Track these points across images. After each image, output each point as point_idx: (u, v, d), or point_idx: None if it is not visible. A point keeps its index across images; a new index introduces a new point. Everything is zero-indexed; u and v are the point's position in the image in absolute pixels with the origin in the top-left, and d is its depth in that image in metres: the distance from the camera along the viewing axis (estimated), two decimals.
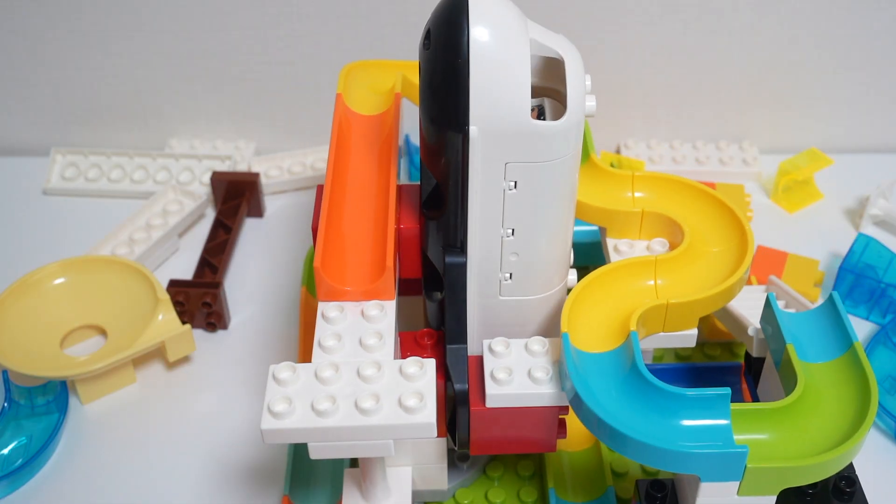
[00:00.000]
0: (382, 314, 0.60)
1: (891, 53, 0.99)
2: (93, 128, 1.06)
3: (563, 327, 0.60)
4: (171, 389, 0.80)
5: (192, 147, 1.05)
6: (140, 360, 0.81)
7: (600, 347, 0.61)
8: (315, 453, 0.55)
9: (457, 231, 0.61)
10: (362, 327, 0.59)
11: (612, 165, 0.95)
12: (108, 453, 0.75)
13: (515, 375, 0.60)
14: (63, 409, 0.76)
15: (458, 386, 0.61)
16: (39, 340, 0.79)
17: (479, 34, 0.54)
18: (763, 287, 0.81)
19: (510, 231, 0.61)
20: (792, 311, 0.68)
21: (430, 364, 0.57)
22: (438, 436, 0.63)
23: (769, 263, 0.86)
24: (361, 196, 0.66)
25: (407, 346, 0.65)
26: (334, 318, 0.60)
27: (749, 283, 0.81)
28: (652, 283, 0.65)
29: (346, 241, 0.63)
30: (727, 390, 0.56)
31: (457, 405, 0.61)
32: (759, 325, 0.69)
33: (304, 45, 0.99)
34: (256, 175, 0.96)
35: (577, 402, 0.57)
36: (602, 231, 0.72)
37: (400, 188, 0.67)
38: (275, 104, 1.03)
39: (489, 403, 0.60)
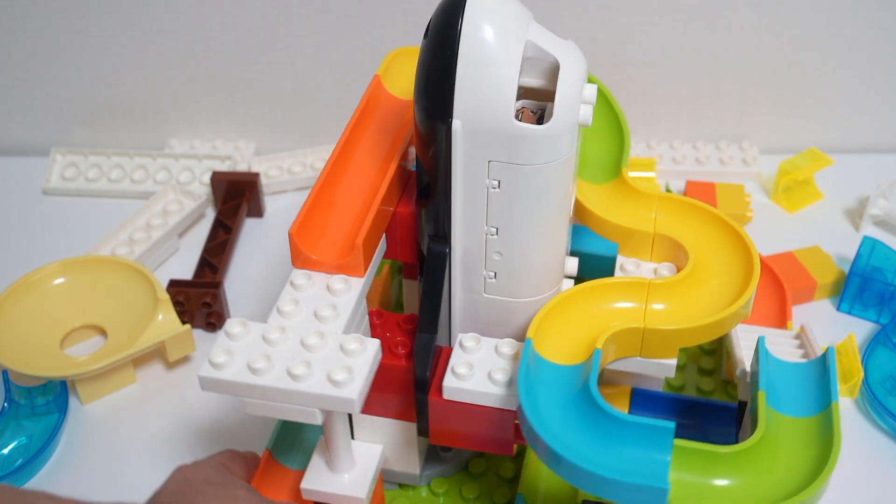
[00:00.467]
0: (346, 288, 0.61)
1: (891, 53, 0.99)
2: (93, 128, 1.06)
3: (529, 333, 0.60)
4: (171, 389, 0.80)
5: (192, 147, 1.05)
6: (140, 360, 0.81)
7: (566, 360, 0.61)
8: (246, 409, 0.57)
9: (441, 222, 0.62)
10: (323, 299, 0.60)
11: None
12: (108, 453, 0.75)
13: (476, 372, 0.61)
14: (63, 409, 0.76)
15: (417, 373, 0.61)
16: (39, 340, 0.79)
17: (471, 30, 0.55)
18: (793, 333, 0.77)
19: (494, 230, 0.61)
20: (805, 361, 0.66)
21: (373, 344, 0.57)
22: (406, 420, 0.63)
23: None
24: (361, 174, 0.67)
25: (387, 326, 0.65)
26: (301, 285, 0.61)
27: (784, 327, 0.78)
28: (640, 305, 0.64)
29: (331, 214, 0.64)
30: (671, 424, 0.54)
31: (416, 392, 0.62)
32: (748, 369, 0.67)
33: (304, 45, 0.99)
34: (256, 175, 0.96)
35: (519, 409, 0.57)
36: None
37: (411, 173, 0.67)
38: (275, 104, 1.03)
39: (445, 395, 0.61)
